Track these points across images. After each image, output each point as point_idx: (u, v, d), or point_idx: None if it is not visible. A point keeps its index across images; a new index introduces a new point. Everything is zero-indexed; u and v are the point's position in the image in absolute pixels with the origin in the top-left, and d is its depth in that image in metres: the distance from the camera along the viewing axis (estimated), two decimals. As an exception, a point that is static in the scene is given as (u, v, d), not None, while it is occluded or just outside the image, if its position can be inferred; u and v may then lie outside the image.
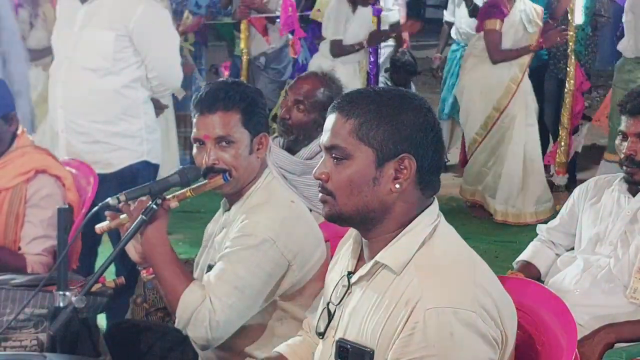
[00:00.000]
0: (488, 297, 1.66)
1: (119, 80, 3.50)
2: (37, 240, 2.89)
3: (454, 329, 1.60)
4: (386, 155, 1.71)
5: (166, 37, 3.66)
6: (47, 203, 2.90)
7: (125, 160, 3.58)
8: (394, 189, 1.71)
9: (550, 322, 1.90)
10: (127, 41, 3.48)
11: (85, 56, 3.48)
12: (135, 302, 3.04)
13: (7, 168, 2.91)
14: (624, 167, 2.83)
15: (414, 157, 1.71)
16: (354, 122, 1.72)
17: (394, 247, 1.73)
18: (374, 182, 1.71)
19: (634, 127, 2.79)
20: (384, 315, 1.68)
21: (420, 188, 1.74)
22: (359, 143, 1.71)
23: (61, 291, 2.08)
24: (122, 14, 3.47)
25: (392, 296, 1.68)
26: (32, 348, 2.30)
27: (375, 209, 1.73)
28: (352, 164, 1.72)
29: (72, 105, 3.52)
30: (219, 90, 2.34)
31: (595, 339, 2.49)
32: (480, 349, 1.63)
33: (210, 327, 2.19)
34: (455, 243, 1.77)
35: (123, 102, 3.54)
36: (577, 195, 3.02)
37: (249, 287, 2.23)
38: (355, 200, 1.73)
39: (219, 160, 2.32)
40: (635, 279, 2.70)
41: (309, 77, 3.31)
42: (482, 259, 1.76)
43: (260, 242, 2.24)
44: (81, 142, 3.54)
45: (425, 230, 1.73)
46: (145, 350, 2.57)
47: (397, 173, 1.71)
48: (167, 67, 3.65)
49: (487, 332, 1.63)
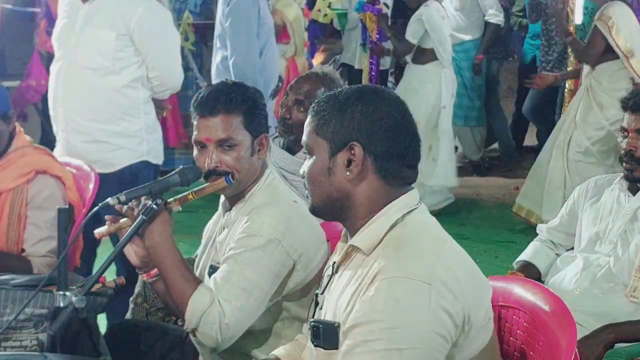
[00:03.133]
0: (450, 272, 1.70)
1: (120, 80, 3.50)
2: (42, 242, 2.89)
3: (401, 296, 1.66)
4: (338, 146, 1.81)
5: (167, 37, 3.66)
6: (49, 204, 2.90)
7: (125, 160, 3.58)
8: (347, 177, 1.81)
9: (550, 322, 1.90)
10: (127, 40, 3.48)
11: (86, 55, 3.49)
12: (135, 302, 3.04)
13: (7, 169, 2.91)
14: (624, 163, 2.85)
15: (362, 145, 1.79)
16: (315, 119, 1.86)
17: (365, 231, 1.81)
18: (328, 172, 1.83)
19: (634, 123, 2.83)
20: (351, 290, 1.75)
21: (382, 176, 1.81)
22: (317, 138, 1.85)
23: (61, 291, 2.08)
24: (123, 14, 3.47)
25: (361, 274, 1.76)
26: (32, 348, 2.30)
27: (337, 198, 1.83)
28: (314, 159, 1.85)
29: (73, 104, 3.53)
30: (219, 92, 2.34)
31: (595, 339, 2.49)
32: (429, 320, 1.65)
33: (220, 329, 2.18)
34: (428, 227, 1.82)
35: (123, 101, 3.54)
36: (577, 194, 3.03)
37: (256, 288, 2.23)
38: (318, 192, 1.85)
39: (221, 163, 2.31)
40: (635, 277, 2.70)
41: (310, 77, 3.31)
42: (458, 245, 1.82)
43: (266, 243, 2.24)
44: (81, 141, 3.54)
45: (394, 215, 1.80)
46: (145, 350, 2.57)
47: (349, 162, 1.80)
48: (168, 67, 3.65)
49: (440, 305, 1.66)
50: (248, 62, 3.80)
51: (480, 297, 1.76)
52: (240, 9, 3.80)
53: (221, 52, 3.93)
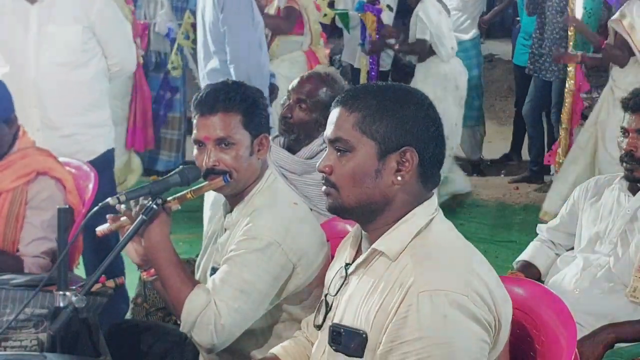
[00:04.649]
0: (482, 282, 1.68)
1: (88, 72, 3.65)
2: (36, 242, 2.88)
3: (447, 311, 1.63)
4: (388, 148, 1.74)
5: (123, 24, 3.89)
6: (48, 205, 2.89)
7: (99, 148, 3.75)
8: (396, 182, 1.75)
9: (550, 322, 1.90)
10: (90, 33, 3.62)
11: (53, 52, 3.57)
12: (135, 302, 3.04)
13: (8, 170, 2.90)
14: (624, 163, 2.85)
15: (416, 150, 1.74)
16: (358, 115, 1.76)
17: (390, 235, 1.77)
18: (376, 175, 1.75)
19: (635, 123, 2.83)
20: (378, 299, 1.71)
21: (421, 181, 1.78)
22: (362, 136, 1.75)
23: (61, 291, 2.08)
24: (81, 8, 3.60)
25: (387, 281, 1.72)
26: (32, 348, 2.29)
27: (377, 200, 1.76)
28: (355, 157, 1.76)
29: (46, 103, 3.60)
30: (219, 91, 2.34)
31: (595, 339, 2.49)
32: (473, 330, 1.65)
33: (215, 330, 2.18)
34: (451, 234, 1.80)
35: (93, 93, 3.72)
36: (578, 194, 3.03)
37: (254, 290, 2.22)
38: (357, 192, 1.76)
39: (219, 162, 2.31)
40: (635, 278, 2.70)
41: (312, 76, 3.32)
42: (480, 254, 1.79)
43: (266, 246, 2.23)
44: (58, 136, 3.61)
45: (421, 221, 1.76)
46: (145, 350, 2.56)
47: (399, 166, 1.75)
48: (128, 53, 3.86)
49: (479, 315, 1.65)
50: (251, 62, 3.79)
51: (506, 302, 1.76)
52: (239, 10, 3.79)
53: (217, 56, 3.92)
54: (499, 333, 1.72)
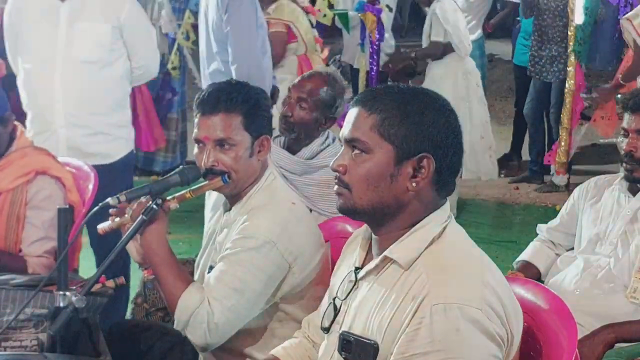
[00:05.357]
0: (495, 296, 1.66)
1: (115, 72, 3.64)
2: (39, 242, 2.89)
3: (460, 325, 1.60)
4: (406, 153, 1.72)
5: (150, 30, 3.90)
6: (48, 204, 2.89)
7: (122, 150, 3.73)
8: (411, 188, 1.73)
9: (550, 322, 1.90)
10: (118, 33, 3.62)
11: (82, 49, 3.56)
12: (135, 302, 3.04)
13: (7, 170, 2.90)
14: (624, 163, 2.84)
15: (434, 158, 1.72)
16: (377, 117, 1.73)
17: (403, 243, 1.74)
18: (391, 179, 1.72)
19: (634, 123, 2.82)
20: (390, 309, 1.69)
21: (436, 189, 1.75)
22: (380, 139, 1.72)
23: (61, 291, 2.08)
24: (112, 8, 3.61)
25: (400, 291, 1.69)
26: (32, 348, 2.30)
27: (389, 205, 1.74)
28: (371, 159, 1.73)
29: (73, 99, 3.58)
30: (221, 91, 2.34)
31: (595, 339, 2.49)
32: (485, 345, 1.63)
33: (208, 329, 2.19)
34: (465, 243, 1.78)
35: (118, 93, 3.70)
36: (577, 195, 3.02)
37: (248, 289, 2.22)
38: (371, 195, 1.74)
39: (218, 162, 2.31)
40: (635, 278, 2.70)
41: (313, 75, 3.33)
42: (492, 262, 1.77)
43: (261, 245, 2.23)
44: (81, 135, 3.60)
45: (435, 229, 1.74)
46: (145, 350, 2.57)
47: (415, 172, 1.73)
48: (152, 58, 3.88)
49: (492, 330, 1.64)
50: (253, 64, 3.79)
51: (518, 314, 1.75)
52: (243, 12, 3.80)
53: (220, 57, 3.92)
54: (511, 346, 1.70)
